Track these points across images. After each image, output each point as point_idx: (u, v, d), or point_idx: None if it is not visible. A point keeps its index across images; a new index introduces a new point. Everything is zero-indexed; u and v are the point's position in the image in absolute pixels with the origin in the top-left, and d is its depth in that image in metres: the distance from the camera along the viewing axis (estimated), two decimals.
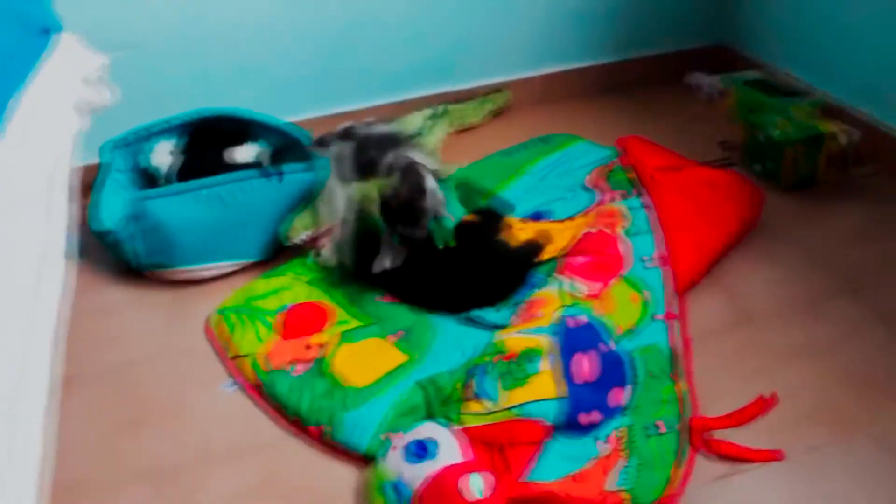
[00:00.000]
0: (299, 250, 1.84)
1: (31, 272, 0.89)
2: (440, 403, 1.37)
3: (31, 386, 0.82)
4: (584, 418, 1.32)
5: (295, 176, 1.91)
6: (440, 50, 2.38)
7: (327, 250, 1.81)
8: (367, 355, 1.54)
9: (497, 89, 2.46)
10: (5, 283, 0.82)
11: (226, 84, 2.25)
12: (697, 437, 1.32)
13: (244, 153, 2.02)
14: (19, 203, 0.91)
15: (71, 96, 1.22)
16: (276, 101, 2.29)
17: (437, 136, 2.24)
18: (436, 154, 1.82)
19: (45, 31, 1.25)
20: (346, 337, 1.59)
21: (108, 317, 1.79)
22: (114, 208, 1.86)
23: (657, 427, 1.34)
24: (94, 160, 2.02)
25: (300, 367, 1.53)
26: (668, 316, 1.54)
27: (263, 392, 1.50)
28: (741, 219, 1.76)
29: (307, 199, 1.86)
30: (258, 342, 1.60)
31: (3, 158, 0.89)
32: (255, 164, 1.97)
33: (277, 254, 1.88)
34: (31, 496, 0.75)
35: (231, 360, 1.59)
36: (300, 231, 1.79)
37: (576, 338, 1.41)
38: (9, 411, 0.77)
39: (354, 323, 1.63)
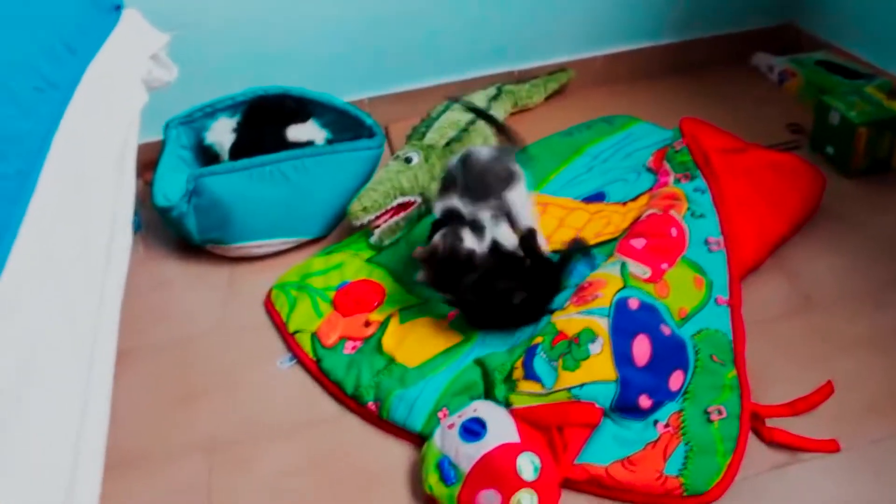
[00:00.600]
0: (358, 228, 1.85)
1: (104, 241, 0.92)
2: (496, 383, 1.37)
3: (102, 351, 0.84)
4: (643, 401, 1.31)
5: (354, 154, 1.93)
6: (500, 29, 2.36)
7: (382, 231, 1.82)
8: (423, 334, 1.54)
9: (561, 69, 2.43)
10: (81, 252, 0.85)
11: (282, 63, 2.27)
12: (753, 423, 1.30)
13: (306, 131, 2.04)
14: (93, 171, 0.94)
15: (138, 70, 1.25)
16: (333, 79, 2.30)
17: (498, 115, 2.23)
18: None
19: (116, 7, 1.28)
20: (402, 316, 1.60)
21: (166, 291, 1.83)
22: (176, 185, 1.90)
23: (719, 412, 1.32)
24: (157, 138, 2.06)
25: (352, 345, 1.55)
26: (732, 300, 1.51)
27: (320, 368, 1.52)
28: (804, 203, 1.72)
29: (369, 178, 1.87)
30: (316, 318, 1.63)
31: (78, 126, 0.92)
32: (310, 143, 1.99)
33: (333, 231, 1.89)
34: (101, 457, 0.78)
35: (291, 334, 1.61)
36: (369, 212, 1.79)
37: (635, 320, 1.39)
38: (84, 376, 0.79)
39: (410, 301, 1.64)
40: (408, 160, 1.89)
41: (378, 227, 1.82)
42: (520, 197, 1.59)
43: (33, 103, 0.87)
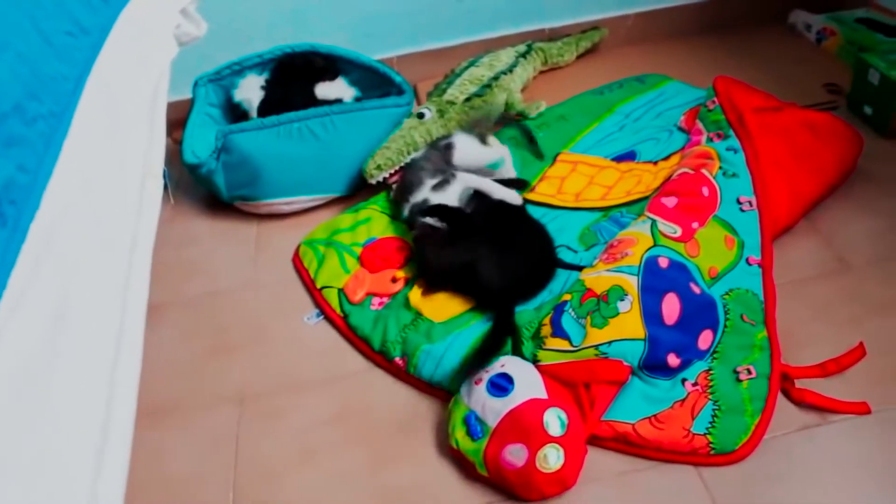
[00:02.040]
0: (383, 185, 1.85)
1: (136, 186, 0.92)
2: (524, 339, 1.37)
3: (134, 296, 0.85)
4: (671, 360, 1.30)
5: (382, 111, 1.92)
6: None
7: (398, 188, 1.82)
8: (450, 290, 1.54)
9: (594, 27, 2.39)
10: (114, 194, 0.85)
11: (311, 21, 2.25)
12: (782, 384, 1.29)
13: (335, 89, 2.04)
14: (125, 116, 0.94)
15: (169, 23, 1.25)
16: (366, 37, 2.28)
17: (527, 72, 2.21)
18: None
19: None
20: None
21: (196, 247, 1.84)
22: (205, 142, 1.91)
23: (748, 372, 1.31)
24: (186, 96, 2.06)
25: (379, 301, 1.55)
26: (763, 261, 1.49)
27: (347, 323, 1.53)
28: (840, 164, 1.69)
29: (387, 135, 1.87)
30: (344, 274, 1.63)
31: (110, 72, 0.92)
32: (338, 101, 1.99)
33: (361, 188, 1.89)
34: (132, 410, 0.79)
35: (318, 290, 1.62)
36: (383, 169, 1.80)
37: (665, 278, 1.38)
38: (118, 319, 0.80)
39: None
40: (420, 116, 1.89)
41: (395, 182, 1.82)
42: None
43: (66, 47, 0.87)
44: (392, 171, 1.82)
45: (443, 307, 1.50)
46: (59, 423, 0.68)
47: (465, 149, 1.76)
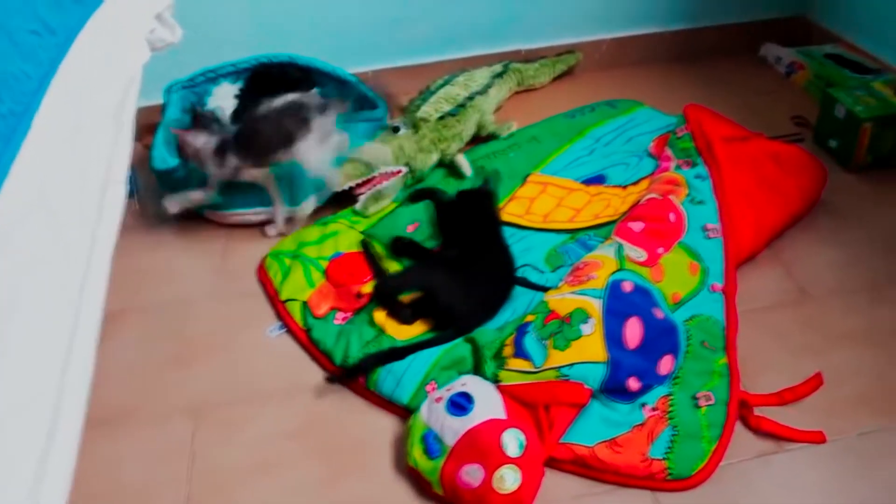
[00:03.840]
0: (352, 198, 1.84)
1: (97, 191, 0.91)
2: (485, 359, 1.36)
3: (90, 301, 0.84)
4: (632, 384, 1.31)
5: (357, 125, 1.91)
6: (508, 7, 2.33)
7: (366, 198, 1.82)
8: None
9: (570, 50, 2.41)
10: (74, 197, 0.84)
11: (291, 33, 2.24)
12: (740, 411, 1.30)
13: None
14: (90, 119, 0.93)
15: (142, 27, 1.24)
16: (341, 52, 2.27)
17: (502, 93, 2.22)
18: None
19: None
20: None
21: (161, 255, 1.82)
22: (175, 149, 1.89)
23: (707, 398, 1.32)
24: (159, 101, 2.05)
25: (343, 316, 1.54)
26: (726, 288, 1.50)
27: (310, 337, 1.52)
28: (804, 195, 1.72)
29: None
30: (308, 287, 1.62)
31: (76, 74, 0.91)
32: None
33: (331, 202, 1.89)
34: (81, 416, 0.77)
35: (282, 303, 1.61)
36: (349, 179, 1.80)
37: (628, 303, 1.39)
38: (71, 322, 0.79)
39: None
40: (395, 130, 1.89)
41: (362, 194, 1.82)
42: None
43: (30, 46, 0.86)
44: (359, 182, 1.81)
45: (406, 325, 1.49)
46: (1, 427, 0.66)
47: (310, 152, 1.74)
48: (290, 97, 1.73)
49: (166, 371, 1.50)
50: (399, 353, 1.41)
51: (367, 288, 1.59)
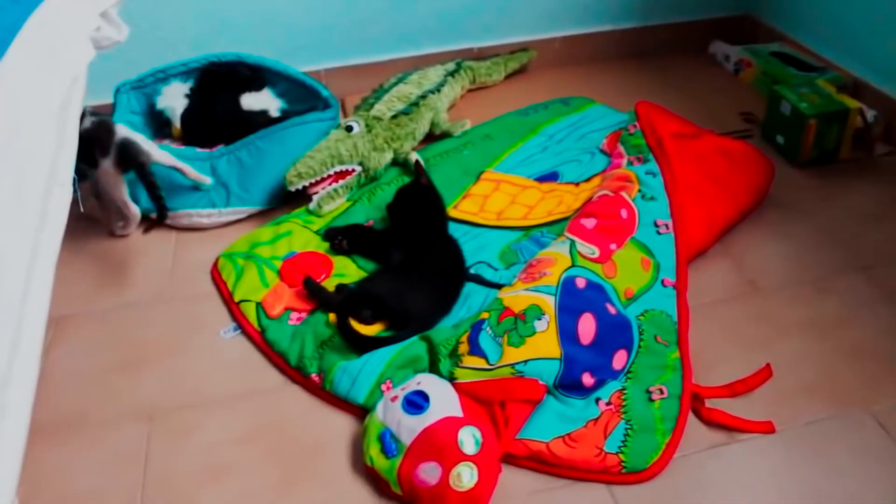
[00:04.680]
0: (307, 198, 1.83)
1: (39, 197, 0.89)
2: (441, 357, 1.36)
3: (32, 311, 0.82)
4: (586, 379, 1.31)
5: (307, 126, 1.91)
6: (461, 5, 2.34)
7: (320, 198, 1.81)
8: None
9: (523, 48, 2.42)
10: (11, 203, 0.82)
11: (239, 31, 2.22)
12: (692, 404, 1.32)
13: (261, 100, 2.01)
14: (30, 121, 0.91)
15: (86, 25, 1.21)
16: (295, 49, 2.26)
17: (455, 91, 2.22)
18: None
19: None
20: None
21: (111, 258, 1.78)
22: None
23: (660, 391, 1.33)
24: (108, 101, 2.01)
25: (298, 316, 1.53)
26: (678, 283, 1.52)
27: (265, 338, 1.51)
28: (753, 190, 1.75)
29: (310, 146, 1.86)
30: (263, 287, 1.60)
31: (15, 74, 0.89)
32: (263, 112, 1.97)
33: (283, 202, 1.87)
34: (25, 424, 0.76)
35: (236, 304, 1.59)
36: (304, 178, 1.78)
37: (582, 299, 1.40)
38: (11, 335, 0.77)
39: (355, 275, 1.63)
40: (349, 129, 1.88)
41: (316, 193, 1.81)
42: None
43: None
44: (313, 181, 1.80)
45: (360, 324, 1.48)
46: None
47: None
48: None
49: (118, 376, 1.47)
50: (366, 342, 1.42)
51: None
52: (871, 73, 2.08)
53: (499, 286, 1.53)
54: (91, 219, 1.82)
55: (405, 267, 1.57)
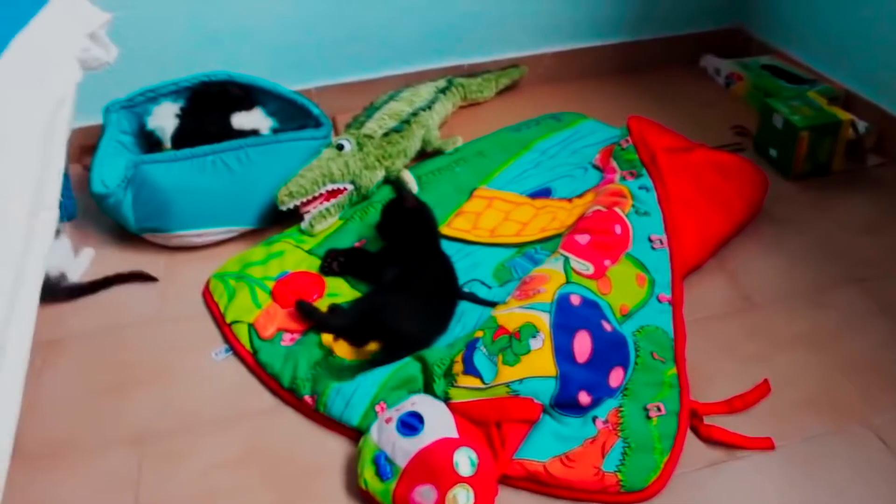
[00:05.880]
0: (299, 217, 1.82)
1: (22, 220, 0.87)
2: (435, 377, 1.35)
3: (16, 337, 0.80)
4: (583, 398, 1.30)
5: (298, 143, 1.89)
6: (451, 22, 2.34)
7: (312, 217, 1.80)
8: None
9: (514, 64, 2.42)
10: None
11: (230, 50, 2.22)
12: (691, 421, 1.31)
13: (252, 119, 2.00)
14: (15, 142, 0.89)
15: (73, 47, 1.20)
16: (286, 67, 2.26)
17: (446, 108, 2.21)
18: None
19: None
20: None
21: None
22: (115, 171, 1.84)
23: (658, 409, 1.32)
24: (98, 122, 2.00)
25: (290, 337, 1.52)
26: (673, 298, 1.51)
27: (257, 360, 1.49)
28: (747, 204, 1.74)
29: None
30: (255, 308, 1.59)
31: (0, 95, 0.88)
32: (255, 131, 1.96)
33: (275, 221, 1.86)
34: (6, 453, 0.74)
35: (228, 325, 1.57)
36: (295, 197, 1.77)
37: (577, 316, 1.39)
38: None
39: (349, 294, 1.62)
40: (340, 147, 1.87)
41: (308, 212, 1.79)
42: None
43: None
44: (305, 200, 1.79)
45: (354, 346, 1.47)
46: None
47: None
48: None
49: (108, 400, 1.45)
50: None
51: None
52: (862, 84, 2.08)
53: (493, 304, 1.51)
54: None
55: (398, 285, 1.55)
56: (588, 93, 2.41)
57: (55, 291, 1.67)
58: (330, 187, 1.81)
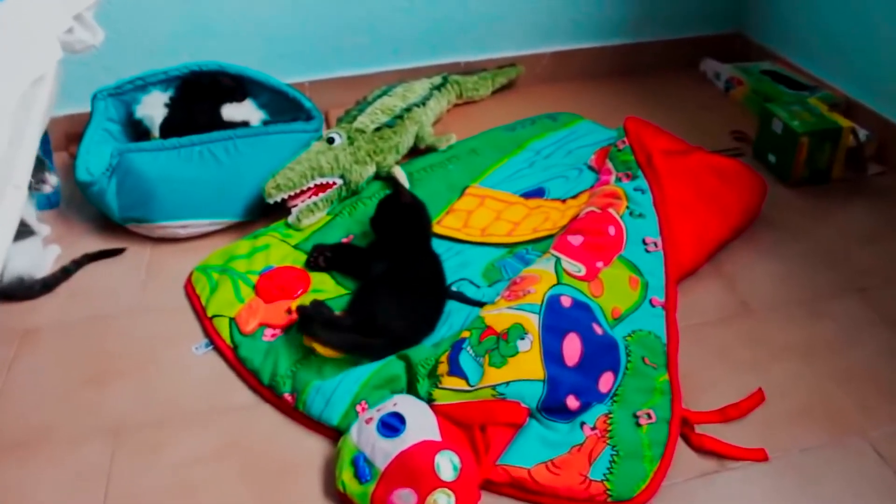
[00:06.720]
0: (286, 211, 1.78)
1: None
2: (419, 377, 1.31)
3: None
4: (571, 402, 1.26)
5: (288, 136, 1.86)
6: (448, 19, 2.31)
7: (299, 211, 1.76)
8: None
9: (511, 63, 2.39)
10: None
11: (223, 40, 2.18)
12: (682, 429, 1.27)
13: (242, 111, 1.97)
14: None
15: (57, 26, 1.16)
16: (279, 59, 2.23)
17: (441, 105, 2.18)
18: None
19: None
20: None
21: (82, 269, 1.73)
22: (100, 159, 1.81)
23: (648, 416, 1.28)
24: (86, 109, 1.96)
25: (272, 332, 1.48)
26: (667, 302, 1.48)
27: (237, 355, 1.45)
28: (745, 209, 1.71)
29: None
30: (237, 302, 1.55)
31: None
32: (245, 123, 1.92)
33: (262, 215, 1.82)
34: None
35: (209, 319, 1.53)
36: (282, 190, 1.73)
37: (567, 318, 1.35)
38: None
39: (333, 291, 1.58)
40: (330, 140, 1.83)
41: (295, 206, 1.75)
42: None
43: None
44: (292, 194, 1.75)
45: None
46: None
47: None
48: None
49: (84, 391, 1.41)
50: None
51: (298, 304, 1.52)
52: (863, 92, 2.06)
53: (481, 304, 1.48)
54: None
55: (387, 282, 1.51)
56: (586, 94, 2.38)
57: (30, 291, 1.63)
58: (319, 181, 1.77)
